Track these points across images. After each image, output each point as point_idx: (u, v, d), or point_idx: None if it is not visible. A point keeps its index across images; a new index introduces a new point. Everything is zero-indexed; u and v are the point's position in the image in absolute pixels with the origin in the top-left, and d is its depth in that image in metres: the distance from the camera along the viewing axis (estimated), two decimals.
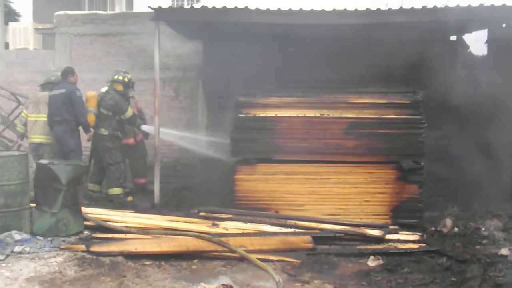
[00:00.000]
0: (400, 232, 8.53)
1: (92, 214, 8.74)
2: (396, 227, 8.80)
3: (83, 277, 6.55)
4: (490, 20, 10.17)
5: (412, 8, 9.43)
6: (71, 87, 10.38)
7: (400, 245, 8.10)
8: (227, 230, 8.37)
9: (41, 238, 7.81)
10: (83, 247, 7.42)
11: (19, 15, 24.38)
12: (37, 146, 10.80)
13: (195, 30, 11.34)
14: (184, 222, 8.72)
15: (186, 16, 10.13)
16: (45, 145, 10.79)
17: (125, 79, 10.94)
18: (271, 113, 9.53)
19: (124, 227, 8.25)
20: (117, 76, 10.94)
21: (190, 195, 11.09)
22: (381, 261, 7.46)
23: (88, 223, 8.37)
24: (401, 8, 9.73)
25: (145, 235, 8.00)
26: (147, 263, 7.13)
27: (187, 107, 13.11)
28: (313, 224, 8.56)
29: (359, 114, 9.43)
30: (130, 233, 8.07)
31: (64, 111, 10.26)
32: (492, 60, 11.01)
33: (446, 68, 10.84)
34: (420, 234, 8.52)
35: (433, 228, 8.87)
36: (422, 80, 10.43)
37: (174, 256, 7.33)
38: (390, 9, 9.64)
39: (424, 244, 8.13)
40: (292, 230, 8.43)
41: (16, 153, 8.77)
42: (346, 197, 9.38)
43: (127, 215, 9.04)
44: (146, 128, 11.29)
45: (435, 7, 9.53)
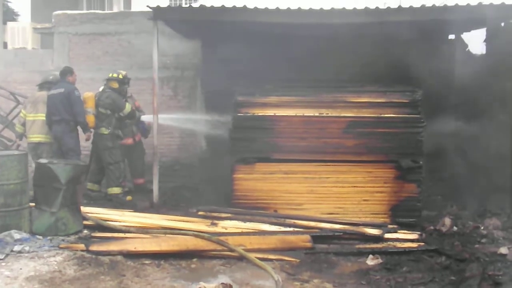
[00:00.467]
0: (399, 231, 8.53)
1: (91, 213, 8.73)
2: (395, 226, 8.81)
3: (83, 276, 6.56)
4: (489, 18, 10.17)
5: (411, 7, 9.42)
6: (70, 87, 10.37)
7: (399, 244, 8.10)
8: (226, 229, 8.37)
9: (41, 237, 7.81)
10: (82, 246, 7.43)
11: (17, 15, 24.38)
12: (36, 146, 10.80)
13: (193, 29, 11.34)
14: (183, 221, 8.70)
15: (185, 15, 10.13)
16: (43, 145, 10.79)
17: (120, 76, 10.95)
18: (270, 112, 9.52)
19: (123, 226, 8.25)
20: (112, 74, 10.97)
21: (189, 195, 11.07)
22: (380, 260, 7.46)
23: (87, 223, 8.36)
24: (400, 7, 9.76)
25: (144, 234, 8.00)
26: (147, 262, 7.13)
27: (185, 106, 13.11)
28: (312, 223, 8.55)
29: (357, 113, 9.43)
30: (129, 232, 8.07)
31: (63, 110, 10.25)
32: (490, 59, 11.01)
33: (444, 66, 10.86)
34: (419, 233, 8.52)
35: (432, 227, 8.86)
36: (421, 78, 10.41)
37: (173, 255, 7.33)
38: (388, 8, 9.64)
39: (423, 243, 8.13)
40: (291, 229, 8.42)
41: (16, 152, 8.76)
42: (345, 196, 9.38)
43: (126, 214, 9.03)
44: (146, 118, 11.26)
45: (433, 6, 9.54)
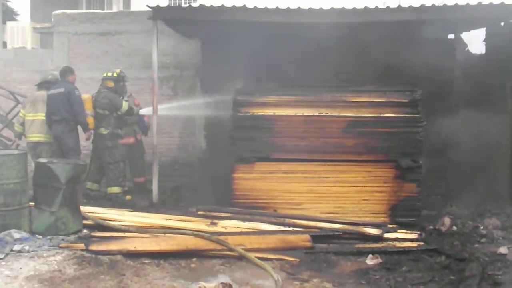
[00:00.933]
0: (398, 231, 8.53)
1: (91, 213, 8.73)
2: (395, 225, 8.80)
3: (82, 275, 6.55)
4: (489, 18, 10.19)
5: (411, 7, 9.44)
6: (70, 87, 10.37)
7: (398, 244, 8.10)
8: (226, 228, 8.37)
9: (40, 236, 7.80)
10: (82, 245, 7.43)
11: (17, 14, 24.36)
12: (35, 145, 10.80)
13: (193, 29, 11.34)
14: (182, 220, 8.70)
15: (184, 15, 10.14)
16: (43, 144, 10.78)
17: (114, 74, 10.96)
18: (270, 111, 9.52)
19: (123, 226, 8.25)
20: (106, 73, 10.98)
21: (188, 194, 11.08)
22: (379, 260, 7.46)
23: (87, 222, 8.35)
24: (399, 6, 9.75)
25: (144, 234, 8.00)
26: (146, 261, 7.13)
27: (185, 106, 13.09)
28: (311, 223, 8.55)
29: (357, 113, 9.42)
30: (129, 231, 8.07)
31: (63, 110, 10.25)
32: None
33: (444, 66, 10.86)
34: (419, 232, 8.52)
35: (431, 227, 8.86)
36: (420, 78, 10.41)
37: (173, 255, 7.33)
38: (388, 8, 9.65)
39: (422, 243, 8.13)
40: (291, 228, 8.42)
41: (15, 152, 8.76)
42: (345, 196, 9.37)
43: (126, 214, 9.03)
44: (144, 111, 11.25)
45: (433, 5, 9.54)
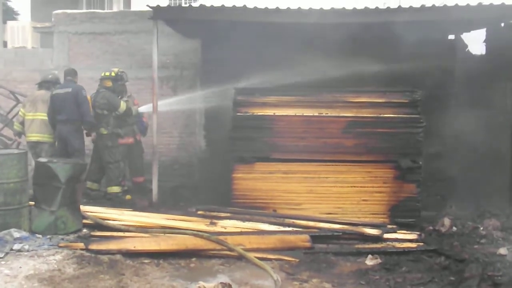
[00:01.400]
0: (398, 231, 8.52)
1: (91, 212, 8.74)
2: (394, 226, 8.80)
3: (82, 275, 6.55)
4: (489, 19, 10.19)
5: (411, 7, 9.43)
6: (77, 87, 10.40)
7: (398, 244, 8.10)
8: (225, 228, 8.37)
9: (40, 236, 7.80)
10: (81, 245, 7.43)
11: (17, 14, 24.38)
12: (35, 145, 10.79)
13: (193, 29, 11.34)
14: (182, 220, 8.70)
15: (184, 14, 10.14)
16: (42, 144, 10.78)
17: (112, 73, 10.95)
18: (269, 112, 9.52)
19: (122, 225, 8.25)
20: (104, 73, 10.98)
21: (188, 194, 11.07)
22: (379, 260, 7.46)
23: (86, 221, 8.36)
24: (400, 7, 9.73)
25: (144, 233, 7.99)
26: (146, 261, 7.13)
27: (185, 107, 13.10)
28: (311, 223, 8.55)
29: (357, 113, 9.42)
30: (128, 231, 8.07)
31: (70, 110, 10.24)
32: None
33: (444, 67, 10.87)
34: (418, 233, 8.52)
35: (431, 227, 8.88)
36: (420, 79, 10.40)
37: (173, 255, 7.34)
38: (388, 8, 9.64)
39: (422, 243, 8.14)
40: (290, 229, 8.42)
41: (15, 151, 8.76)
42: (344, 196, 9.37)
43: (126, 213, 9.03)
44: (143, 108, 11.26)
45: (433, 6, 9.54)
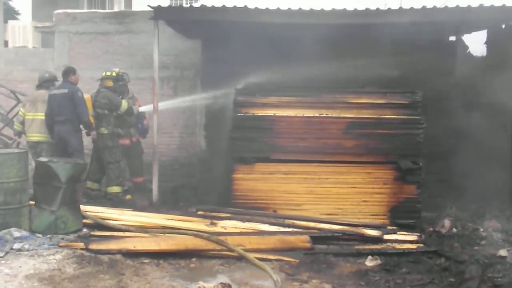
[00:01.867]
0: (398, 233, 8.52)
1: (91, 212, 8.74)
2: (394, 227, 8.79)
3: (82, 274, 6.56)
4: (490, 20, 10.19)
5: (412, 8, 9.43)
6: (73, 88, 10.38)
7: (398, 246, 8.10)
8: (225, 229, 8.36)
9: (40, 235, 7.81)
10: (81, 245, 7.44)
11: (18, 13, 24.38)
12: (35, 145, 10.78)
13: (194, 29, 11.34)
14: (182, 220, 8.70)
15: (185, 15, 10.16)
16: (43, 144, 10.77)
17: (113, 73, 10.97)
18: (270, 112, 9.52)
19: (122, 225, 8.25)
20: (105, 73, 10.99)
21: (188, 194, 11.07)
22: (379, 261, 7.46)
23: (86, 221, 8.36)
24: (401, 8, 9.74)
25: (144, 233, 8.00)
26: (146, 261, 7.14)
27: (185, 106, 13.09)
28: (311, 224, 8.55)
29: (357, 114, 9.43)
30: (128, 231, 8.07)
31: (67, 111, 10.23)
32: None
33: (444, 68, 10.87)
34: (418, 234, 8.51)
35: (431, 229, 8.88)
36: (421, 80, 10.40)
37: (173, 255, 7.34)
38: (389, 9, 9.66)
39: (422, 245, 8.13)
40: (290, 229, 8.42)
41: (16, 150, 8.77)
42: (344, 197, 9.37)
43: (126, 213, 9.03)
44: (144, 108, 11.26)
45: (434, 7, 9.54)
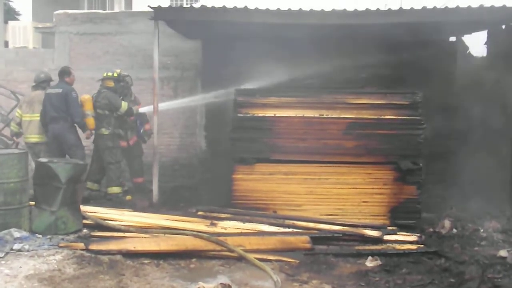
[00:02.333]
0: (398, 233, 8.51)
1: (91, 212, 8.73)
2: (394, 228, 8.78)
3: (82, 275, 6.55)
4: (490, 21, 10.19)
5: (412, 9, 9.44)
6: (68, 88, 10.43)
7: (398, 246, 8.09)
8: (226, 229, 8.36)
9: (40, 236, 7.81)
10: (82, 245, 7.43)
11: (18, 14, 24.35)
12: (33, 146, 10.77)
13: (194, 30, 11.35)
14: (182, 221, 8.69)
15: (185, 15, 10.16)
16: (41, 144, 10.77)
17: (114, 74, 10.99)
18: (270, 113, 9.51)
19: (122, 225, 8.25)
20: (106, 73, 11.00)
21: (188, 195, 11.08)
22: (379, 262, 7.45)
23: (86, 222, 8.36)
24: (401, 8, 9.74)
25: (144, 234, 7.99)
26: (146, 261, 7.13)
27: (185, 106, 13.10)
28: (311, 224, 8.54)
29: (358, 115, 9.42)
30: (128, 231, 8.07)
31: (60, 110, 10.34)
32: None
33: (445, 69, 10.88)
34: (419, 235, 8.50)
35: (431, 229, 8.89)
36: (421, 80, 10.40)
37: (173, 255, 7.34)
38: (389, 10, 9.66)
39: (422, 245, 8.12)
40: (290, 230, 8.41)
41: (16, 151, 8.77)
42: (345, 198, 9.36)
43: (126, 214, 9.02)
44: (144, 109, 11.27)
45: (435, 7, 9.55)
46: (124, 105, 10.80)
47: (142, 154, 11.60)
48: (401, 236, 8.42)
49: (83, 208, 8.65)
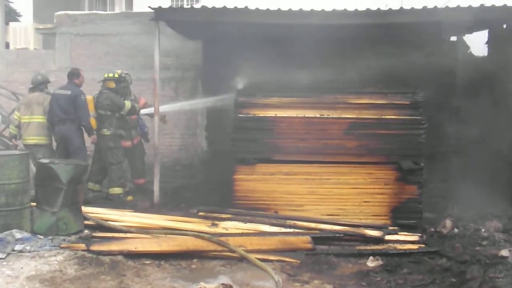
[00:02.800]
0: (399, 233, 8.52)
1: (92, 213, 8.74)
2: (396, 227, 8.78)
3: (83, 275, 6.56)
4: (491, 20, 10.18)
5: (413, 9, 9.43)
6: (77, 91, 10.45)
7: (399, 246, 8.10)
8: (227, 230, 8.37)
9: (42, 237, 7.81)
10: (83, 246, 7.43)
11: (19, 15, 24.31)
12: (31, 147, 10.76)
13: (194, 30, 11.34)
14: (183, 221, 8.71)
15: (186, 16, 10.14)
16: (40, 146, 10.78)
17: (115, 75, 11.00)
18: (271, 113, 9.52)
19: (124, 226, 8.25)
20: (107, 74, 11.01)
21: (189, 195, 11.08)
22: (380, 262, 7.46)
23: (88, 222, 8.37)
24: (401, 8, 9.73)
25: (145, 234, 8.00)
26: (147, 262, 7.13)
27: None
28: (312, 225, 8.55)
29: (359, 115, 9.43)
30: (130, 232, 8.08)
31: (68, 112, 10.36)
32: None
33: (446, 68, 10.87)
34: (420, 235, 8.51)
35: (432, 229, 8.89)
36: (422, 80, 10.38)
37: (174, 256, 7.34)
38: (390, 10, 9.65)
39: (423, 245, 8.13)
40: (292, 230, 8.42)
41: (17, 152, 8.78)
42: (346, 198, 9.36)
43: (127, 214, 9.04)
44: (145, 111, 11.27)
45: (435, 7, 9.54)
46: (128, 104, 10.82)
47: (144, 155, 11.60)
48: (402, 236, 8.43)
49: (84, 209, 8.65)
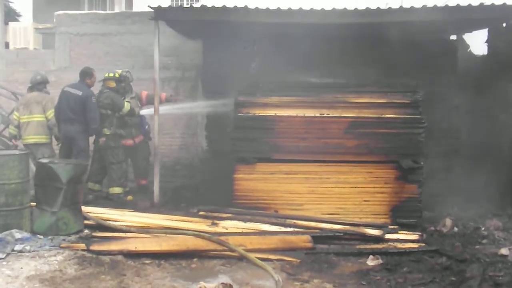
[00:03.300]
0: (399, 232, 8.53)
1: (92, 213, 8.74)
2: (396, 226, 8.79)
3: (83, 275, 6.56)
4: (491, 19, 10.18)
5: (412, 7, 9.42)
6: (88, 92, 10.47)
7: (399, 245, 8.10)
8: (227, 229, 8.37)
9: (42, 236, 7.82)
10: (83, 245, 7.44)
11: (19, 15, 24.30)
12: (31, 146, 10.79)
13: (194, 30, 11.34)
14: (183, 221, 8.70)
15: (186, 15, 10.15)
16: (39, 145, 10.81)
17: (116, 74, 11.01)
18: (271, 112, 9.53)
19: (124, 226, 8.25)
20: (108, 74, 11.02)
21: (189, 195, 11.07)
22: (380, 261, 7.46)
23: (88, 222, 8.37)
24: (401, 7, 9.74)
25: (145, 234, 8.00)
26: (147, 262, 7.14)
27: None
28: (312, 224, 8.56)
29: (359, 114, 9.43)
30: (130, 232, 8.08)
31: (77, 112, 10.36)
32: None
33: (446, 67, 10.87)
34: (420, 233, 8.52)
35: (432, 228, 8.90)
36: (422, 79, 10.38)
37: (174, 255, 7.34)
38: (390, 8, 9.65)
39: (423, 244, 8.14)
40: (292, 229, 8.42)
41: (17, 152, 8.79)
42: (346, 197, 9.37)
43: (127, 214, 9.03)
44: (145, 112, 11.28)
45: (435, 6, 9.54)
46: (127, 105, 10.81)
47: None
48: (402, 235, 8.43)
49: (84, 208, 8.65)
